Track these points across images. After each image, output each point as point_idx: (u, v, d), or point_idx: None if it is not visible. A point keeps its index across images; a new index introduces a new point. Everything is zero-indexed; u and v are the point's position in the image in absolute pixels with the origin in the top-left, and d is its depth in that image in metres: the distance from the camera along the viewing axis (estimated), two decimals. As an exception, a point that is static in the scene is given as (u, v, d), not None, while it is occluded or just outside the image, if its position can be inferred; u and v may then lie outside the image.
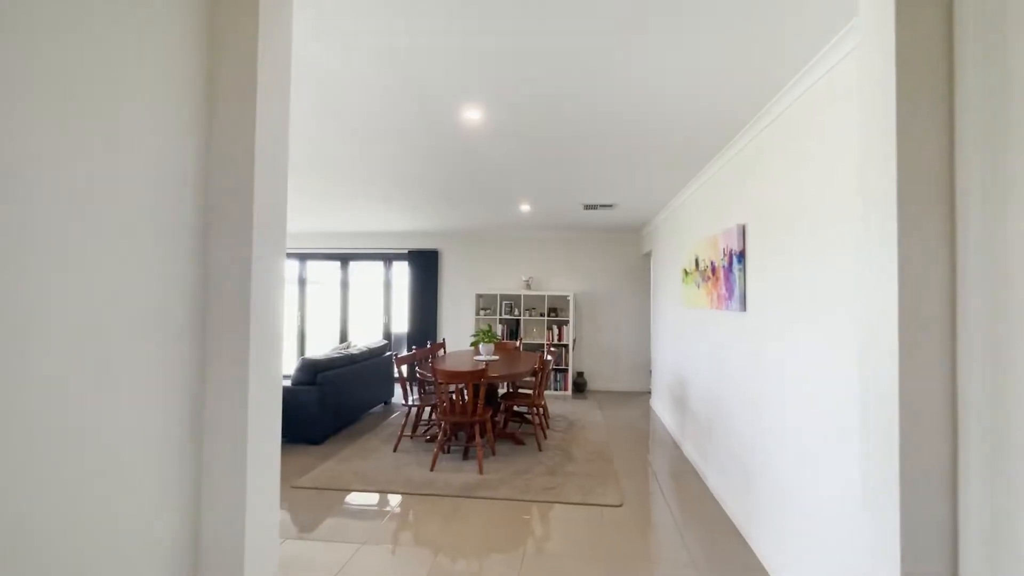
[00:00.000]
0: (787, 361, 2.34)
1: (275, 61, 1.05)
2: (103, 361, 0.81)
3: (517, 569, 2.53)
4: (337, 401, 4.78)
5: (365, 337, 8.10)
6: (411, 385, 4.91)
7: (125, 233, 0.84)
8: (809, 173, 2.14)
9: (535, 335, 7.35)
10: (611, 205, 5.23)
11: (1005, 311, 0.76)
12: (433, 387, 4.48)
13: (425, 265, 7.69)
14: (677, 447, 4.56)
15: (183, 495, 0.96)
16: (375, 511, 3.20)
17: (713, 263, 3.46)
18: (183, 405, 0.96)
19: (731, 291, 3.07)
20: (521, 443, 4.55)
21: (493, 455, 4.22)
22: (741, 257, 2.91)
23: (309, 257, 8.15)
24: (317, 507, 3.24)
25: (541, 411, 5.11)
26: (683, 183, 4.20)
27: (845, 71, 1.87)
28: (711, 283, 3.52)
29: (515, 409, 5.33)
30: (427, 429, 4.88)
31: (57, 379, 0.75)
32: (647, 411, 6.09)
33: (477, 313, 7.41)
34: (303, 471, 3.86)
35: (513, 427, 5.11)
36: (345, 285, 8.12)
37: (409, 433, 4.80)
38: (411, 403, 4.50)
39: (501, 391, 6.66)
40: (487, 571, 2.51)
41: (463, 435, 4.66)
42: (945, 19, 0.84)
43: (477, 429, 3.94)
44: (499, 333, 7.37)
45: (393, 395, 6.35)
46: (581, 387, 7.22)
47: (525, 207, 5.41)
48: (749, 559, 2.62)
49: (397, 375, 6.69)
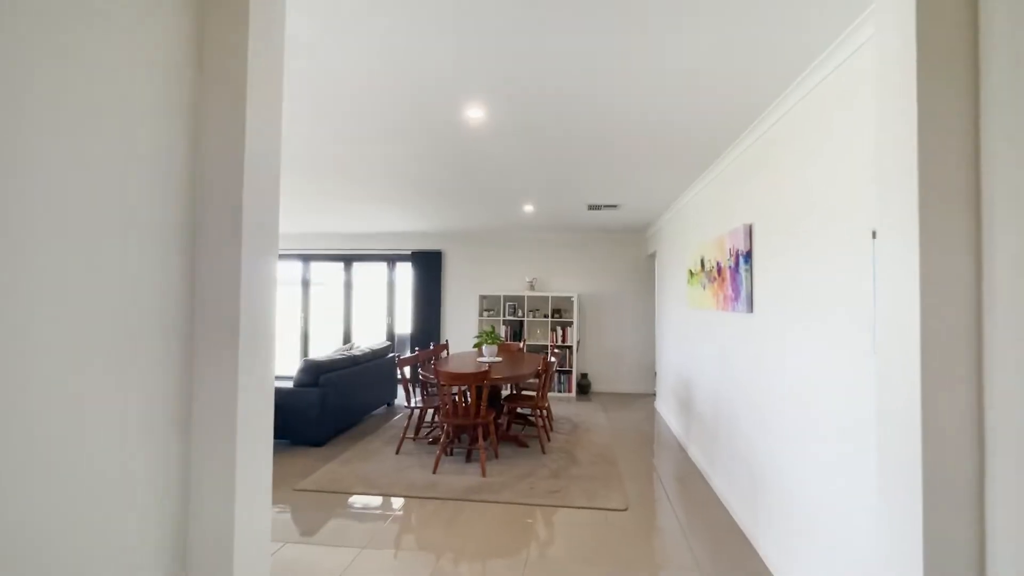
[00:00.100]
0: (795, 363, 2.29)
1: (267, 59, 1.02)
2: (87, 362, 0.80)
3: (520, 574, 2.49)
4: (339, 403, 4.75)
5: (369, 338, 8.08)
6: (414, 387, 4.87)
7: (109, 234, 0.82)
8: (818, 171, 2.10)
9: (539, 336, 7.31)
10: (615, 206, 5.19)
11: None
12: (436, 389, 4.45)
13: (428, 266, 7.67)
14: (682, 450, 4.51)
15: (170, 497, 0.95)
16: (377, 514, 3.17)
17: (719, 264, 3.42)
18: (170, 407, 0.94)
19: (737, 292, 3.02)
20: (525, 446, 4.51)
21: (496, 458, 4.18)
22: (748, 257, 2.87)
23: (312, 258, 8.14)
24: (318, 510, 3.21)
25: (545, 413, 5.07)
26: (688, 183, 4.15)
27: (858, 65, 1.82)
28: (717, 284, 3.47)
29: (518, 411, 5.29)
30: (430, 431, 4.85)
31: (40, 381, 0.74)
32: (652, 413, 6.04)
33: (480, 314, 7.38)
34: (305, 473, 3.84)
35: (516, 429, 5.07)
36: (348, 286, 8.11)
37: (412, 435, 4.77)
38: (413, 405, 4.47)
39: (504, 393, 6.62)
40: (489, 576, 2.48)
41: (466, 437, 4.63)
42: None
43: (480, 432, 3.91)
44: (503, 334, 7.33)
45: (396, 397, 6.33)
46: (585, 389, 7.17)
47: (528, 208, 5.38)
48: (756, 565, 2.57)
49: (400, 377, 6.68)
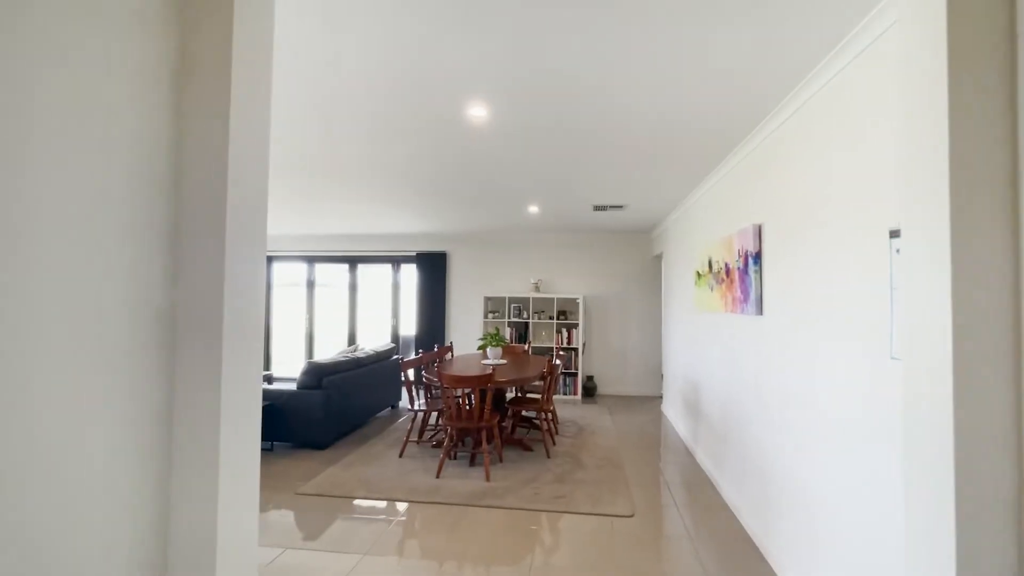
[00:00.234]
0: (807, 367, 2.23)
1: (253, 57, 0.99)
2: (63, 360, 0.77)
3: (523, 583, 2.43)
4: (343, 405, 4.72)
5: (374, 340, 8.06)
6: (417, 390, 4.83)
7: (86, 233, 0.78)
8: (831, 169, 2.03)
9: (544, 338, 7.25)
10: (621, 206, 5.13)
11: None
12: (439, 392, 4.40)
13: (433, 267, 7.64)
14: (690, 454, 4.44)
15: (150, 498, 0.93)
16: (379, 519, 3.12)
17: (727, 265, 3.35)
18: (150, 406, 0.92)
19: (747, 294, 2.95)
20: (529, 449, 4.45)
21: (500, 462, 4.13)
22: (757, 258, 2.80)
23: (317, 260, 8.14)
24: (320, 515, 3.17)
25: (550, 416, 5.01)
26: (696, 182, 4.09)
27: (875, 56, 1.76)
28: (725, 285, 3.40)
29: (523, 414, 5.24)
30: (433, 434, 4.81)
31: (16, 380, 0.71)
32: (658, 416, 5.96)
33: (485, 316, 7.33)
34: (308, 477, 3.80)
35: (521, 433, 5.02)
36: (353, 288, 8.10)
37: (415, 438, 4.73)
38: (417, 408, 4.43)
39: (509, 396, 6.57)
40: (492, 585, 2.42)
41: (470, 441, 4.58)
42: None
43: (484, 435, 3.85)
44: (507, 336, 7.28)
45: (400, 399, 6.29)
46: (591, 391, 7.11)
47: (533, 208, 5.33)
48: (766, 575, 2.50)
49: (403, 379, 6.64)
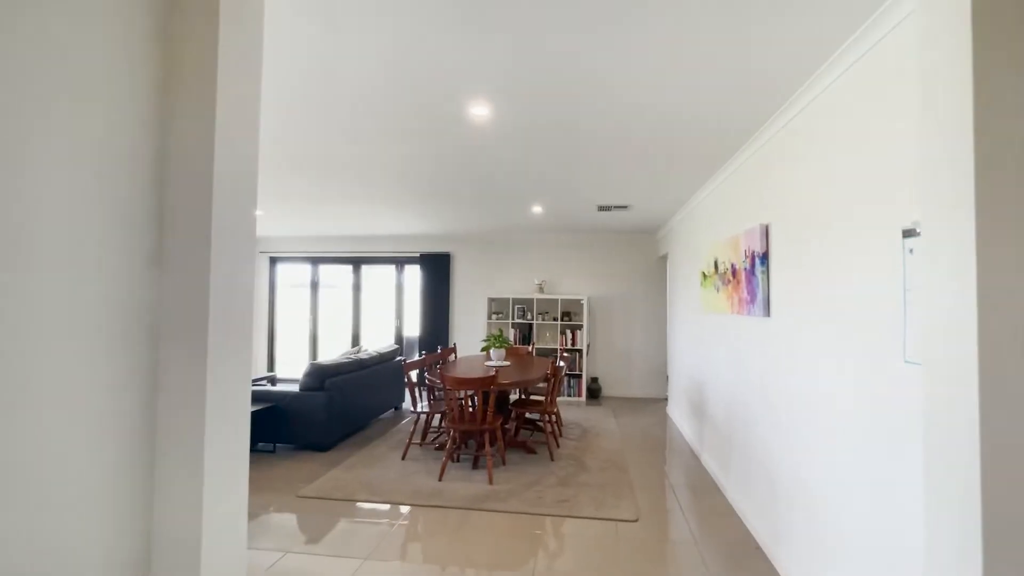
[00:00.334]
0: (816, 370, 2.17)
1: (242, 54, 0.96)
2: (43, 360, 0.75)
3: (526, 589, 2.39)
4: (345, 407, 4.69)
5: (377, 341, 8.04)
6: (420, 391, 4.80)
7: (67, 233, 0.75)
8: (840, 168, 1.98)
9: (548, 339, 7.20)
10: (626, 206, 5.08)
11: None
12: (442, 394, 4.37)
13: (437, 268, 7.61)
14: (695, 457, 4.38)
15: (132, 500, 0.91)
16: (381, 523, 3.09)
17: (734, 265, 3.30)
18: (132, 406, 0.90)
19: (753, 295, 2.90)
20: (533, 452, 4.41)
21: (503, 465, 4.08)
22: (764, 259, 2.75)
23: (321, 261, 8.13)
24: (321, 518, 3.14)
25: (554, 419, 4.97)
26: (702, 181, 4.04)
27: (889, 49, 1.71)
28: (731, 287, 3.35)
29: (527, 416, 5.19)
30: (436, 437, 4.77)
31: None
32: (663, 418, 5.90)
33: (489, 317, 7.30)
34: (310, 479, 3.78)
35: (525, 435, 4.97)
36: (357, 289, 8.09)
37: (418, 441, 4.70)
38: (420, 410, 4.40)
39: (513, 397, 6.52)
40: (494, 591, 2.38)
41: (473, 443, 4.54)
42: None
43: (487, 438, 3.82)
44: (511, 337, 7.24)
45: (404, 400, 6.27)
46: (595, 393, 7.05)
47: (537, 209, 5.29)
48: (775, 582, 2.45)
49: (406, 381, 6.63)
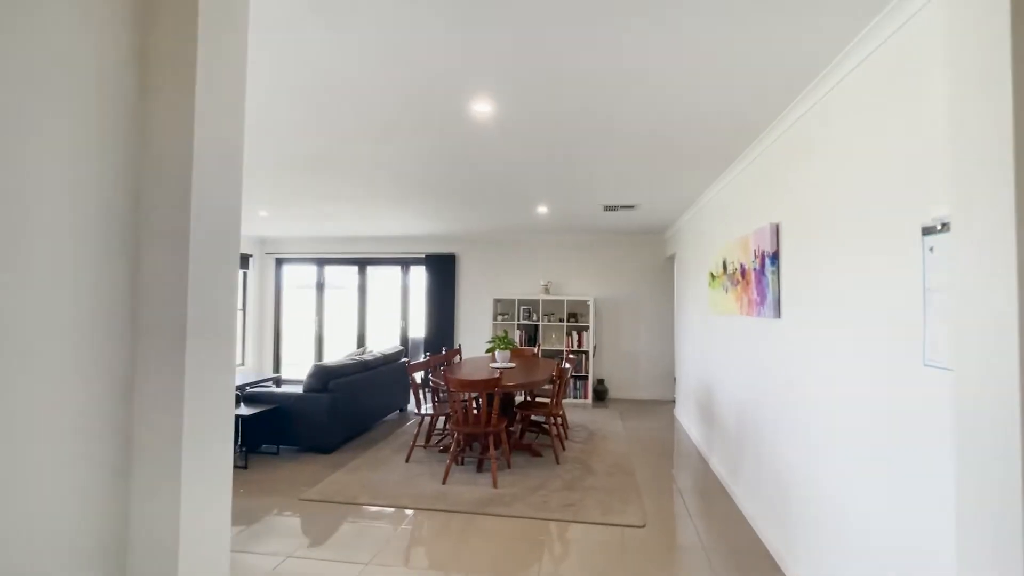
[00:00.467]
0: (829, 373, 2.10)
1: (223, 42, 0.92)
2: (12, 366, 0.72)
3: (530, 597, 2.34)
4: (349, 409, 4.66)
5: (383, 342, 8.03)
6: (425, 393, 4.76)
7: (40, 234, 0.72)
8: (855, 164, 1.91)
9: (554, 341, 7.14)
10: (633, 206, 5.02)
11: None
12: (446, 395, 4.32)
13: (442, 269, 7.58)
14: (704, 461, 4.30)
15: (107, 509, 0.88)
16: (384, 527, 3.05)
17: (743, 266, 3.23)
18: (108, 409, 0.88)
19: (763, 296, 2.83)
20: (538, 455, 4.35)
21: (508, 468, 4.03)
22: (774, 259, 2.68)
23: (327, 262, 8.13)
24: (323, 522, 3.10)
25: (559, 421, 4.91)
26: (710, 180, 3.97)
27: (905, 40, 1.64)
28: (741, 287, 3.28)
29: (532, 419, 5.14)
30: (441, 439, 4.73)
31: None
32: (671, 421, 5.82)
33: (495, 318, 7.25)
34: (312, 482, 3.75)
35: (530, 438, 4.92)
36: (363, 290, 8.07)
37: (422, 443, 4.66)
38: (424, 412, 4.36)
39: (518, 399, 6.47)
40: (497, 598, 2.33)
41: (478, 446, 4.49)
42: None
43: (491, 440, 3.77)
44: (517, 339, 7.19)
45: (409, 402, 6.23)
46: (602, 395, 6.98)
47: (543, 209, 5.24)
48: (786, 592, 2.38)
49: (411, 383, 6.60)
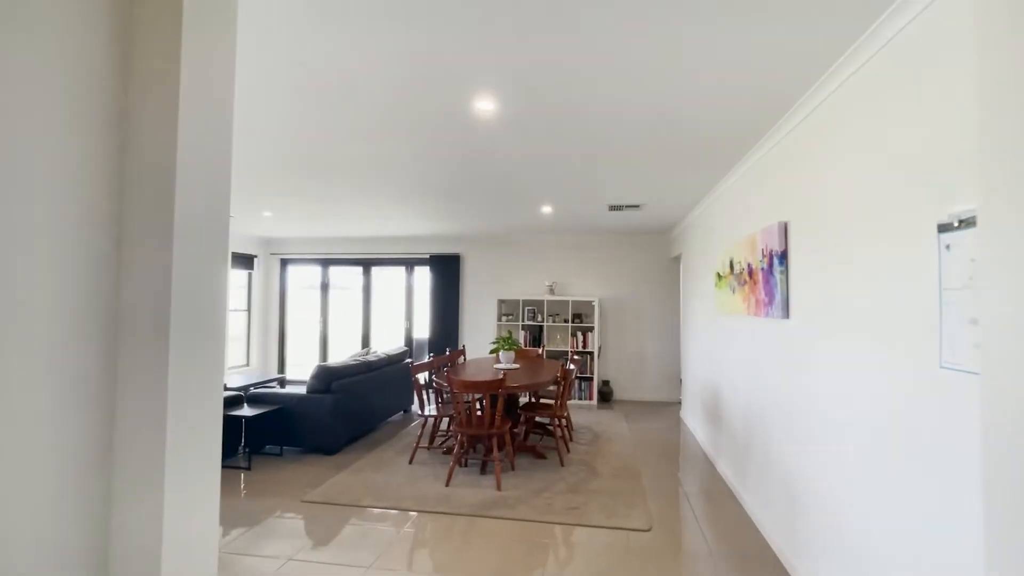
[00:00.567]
0: (838, 374, 2.05)
1: (208, 48, 0.90)
2: None
3: (533, 602, 2.30)
4: (353, 410, 4.64)
5: (388, 343, 8.02)
6: (428, 394, 4.73)
7: (15, 228, 0.69)
8: (867, 160, 1.86)
9: (559, 342, 7.10)
10: (637, 206, 4.97)
11: None
12: (450, 397, 4.29)
13: (446, 270, 7.56)
14: (711, 464, 4.24)
15: (88, 514, 0.86)
16: (386, 530, 3.02)
17: (750, 265, 3.17)
18: (89, 410, 0.86)
19: (771, 296, 2.78)
20: (542, 457, 4.31)
21: (512, 470, 3.99)
22: (783, 258, 2.63)
23: (331, 262, 8.13)
24: (325, 524, 3.08)
25: (564, 423, 4.87)
26: (716, 179, 3.91)
27: (920, 30, 1.59)
28: (748, 287, 3.23)
29: (536, 420, 5.10)
30: (444, 440, 4.70)
31: None
32: (677, 423, 5.76)
33: (499, 319, 7.22)
34: (315, 483, 3.73)
35: (534, 439, 4.88)
36: (367, 290, 8.06)
37: (426, 444, 4.63)
38: (428, 413, 4.33)
39: (522, 401, 6.44)
40: (500, 603, 2.29)
41: (481, 447, 4.46)
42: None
43: (495, 442, 3.73)
44: (521, 340, 7.15)
45: (413, 403, 6.21)
46: (607, 396, 6.93)
47: (547, 209, 5.20)
48: (796, 598, 2.33)
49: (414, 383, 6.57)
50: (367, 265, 8.03)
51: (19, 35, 0.71)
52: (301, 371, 8.07)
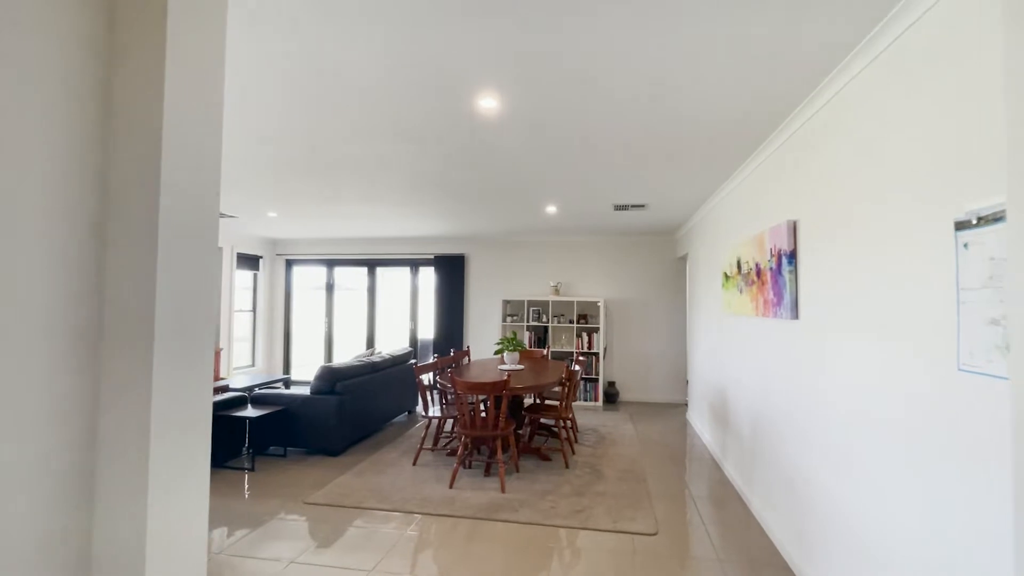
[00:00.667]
0: (849, 376, 2.00)
1: (195, 41, 0.88)
2: None
3: (537, 607, 2.26)
4: (357, 411, 4.62)
5: (392, 343, 8.01)
6: (432, 395, 4.71)
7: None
8: (878, 157, 1.81)
9: (564, 343, 7.05)
10: (643, 205, 4.92)
11: None
12: (454, 398, 4.26)
13: (451, 270, 7.54)
14: (718, 467, 4.18)
15: (69, 517, 0.84)
16: (389, 532, 2.99)
17: (758, 265, 3.12)
18: (68, 413, 0.84)
19: (780, 296, 2.73)
20: (547, 459, 4.27)
21: (516, 472, 3.96)
22: (792, 258, 2.58)
23: (336, 263, 8.13)
24: (328, 526, 3.06)
25: (569, 424, 4.83)
26: (724, 177, 3.86)
27: (936, 23, 1.54)
28: (756, 287, 3.17)
29: (541, 422, 5.06)
30: (448, 442, 4.67)
31: None
32: (684, 424, 5.70)
33: (504, 320, 7.18)
34: (319, 485, 3.71)
35: (539, 441, 4.84)
36: (372, 291, 8.06)
37: (430, 446, 4.60)
38: (431, 415, 4.30)
39: (527, 402, 6.40)
40: (504, 609, 2.26)
41: (485, 449, 4.43)
42: None
43: (499, 444, 3.70)
44: (526, 340, 7.11)
45: (418, 404, 6.18)
46: (612, 398, 6.87)
47: (552, 209, 5.16)
48: (806, 606, 2.27)
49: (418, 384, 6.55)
50: (372, 266, 8.03)
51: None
52: (306, 372, 8.08)
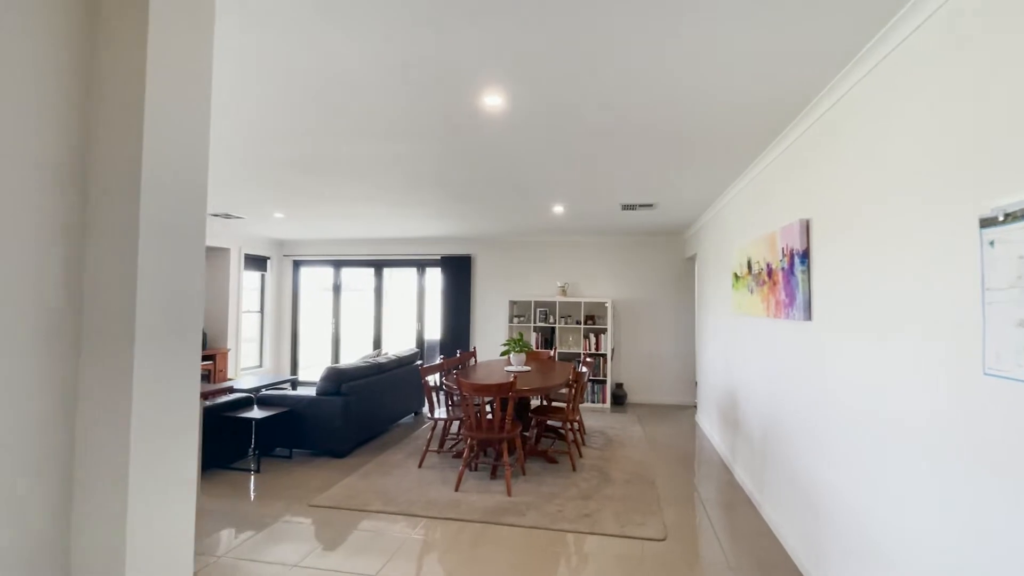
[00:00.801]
0: (864, 381, 1.94)
1: (179, 34, 0.85)
2: None
3: (543, 614, 2.22)
4: (363, 412, 4.60)
5: (399, 344, 8.00)
6: (439, 396, 4.67)
7: None
8: (895, 153, 1.75)
9: (571, 344, 7.00)
10: (651, 205, 4.86)
11: None
12: (460, 400, 4.23)
13: (458, 271, 7.51)
14: (728, 470, 4.11)
15: (47, 523, 0.82)
16: (394, 536, 2.96)
17: (769, 265, 3.05)
18: (47, 414, 0.81)
19: (792, 297, 2.66)
20: (554, 461, 4.22)
21: (523, 475, 3.91)
22: (804, 257, 2.51)
23: (343, 264, 8.14)
24: (332, 530, 3.03)
25: (576, 427, 4.78)
26: (734, 176, 3.79)
27: (952, 15, 1.48)
28: (767, 288, 3.11)
29: (548, 424, 5.01)
30: (455, 444, 4.64)
31: None
32: (693, 427, 5.63)
33: (511, 320, 7.14)
34: (324, 487, 3.69)
35: (545, 444, 4.78)
36: (379, 292, 8.06)
37: (435, 448, 4.57)
38: (437, 416, 4.27)
39: (534, 404, 6.35)
40: (509, 615, 2.22)
41: (492, 451, 4.39)
42: None
43: (505, 447, 3.65)
44: (533, 342, 7.07)
45: (424, 405, 6.16)
46: (620, 399, 6.81)
47: (559, 209, 5.12)
48: (820, 615, 2.21)
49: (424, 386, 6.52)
50: (379, 266, 8.03)
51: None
52: (313, 372, 8.09)
